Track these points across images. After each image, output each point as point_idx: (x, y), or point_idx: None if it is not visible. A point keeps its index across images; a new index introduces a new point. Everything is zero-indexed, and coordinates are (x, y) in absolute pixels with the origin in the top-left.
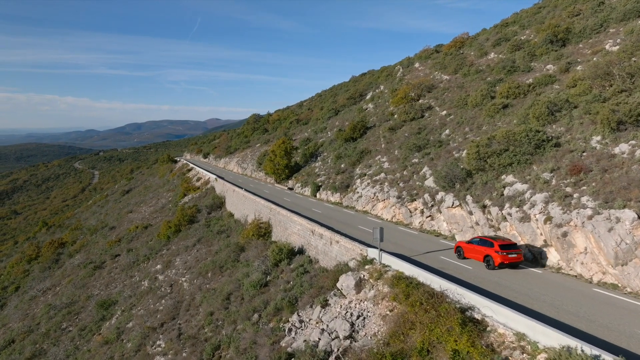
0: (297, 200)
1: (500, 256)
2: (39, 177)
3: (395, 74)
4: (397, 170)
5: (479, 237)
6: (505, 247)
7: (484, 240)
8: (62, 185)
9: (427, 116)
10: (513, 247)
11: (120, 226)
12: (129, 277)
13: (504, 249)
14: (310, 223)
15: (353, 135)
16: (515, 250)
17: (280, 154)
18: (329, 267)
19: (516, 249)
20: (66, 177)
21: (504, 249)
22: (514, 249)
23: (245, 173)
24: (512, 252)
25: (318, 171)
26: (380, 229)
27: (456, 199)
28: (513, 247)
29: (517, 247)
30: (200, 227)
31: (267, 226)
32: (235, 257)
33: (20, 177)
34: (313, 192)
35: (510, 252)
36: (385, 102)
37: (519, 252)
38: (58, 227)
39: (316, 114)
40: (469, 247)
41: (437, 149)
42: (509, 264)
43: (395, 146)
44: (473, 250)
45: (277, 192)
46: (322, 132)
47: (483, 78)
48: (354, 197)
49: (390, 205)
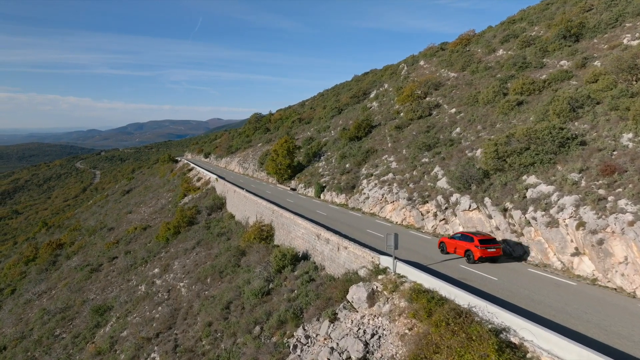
0: (300, 201)
1: (479, 250)
2: (40, 177)
3: (399, 72)
4: (406, 170)
5: (460, 233)
6: (485, 241)
7: (465, 235)
8: (64, 185)
9: (435, 114)
10: (492, 242)
11: (119, 227)
12: (126, 281)
13: (483, 243)
14: (316, 226)
15: (358, 134)
16: (494, 244)
17: (282, 154)
18: (337, 275)
19: (495, 243)
20: (67, 177)
21: (483, 243)
22: (492, 243)
23: (246, 173)
24: (491, 247)
25: (322, 171)
26: (395, 236)
27: (473, 201)
28: (492, 242)
29: (496, 242)
30: (200, 229)
31: (270, 229)
32: (235, 261)
33: (22, 177)
34: (317, 193)
35: (489, 246)
36: (390, 100)
37: (497, 247)
38: (57, 228)
39: (319, 113)
40: (451, 243)
41: (448, 148)
42: (488, 257)
43: (402, 145)
44: (455, 245)
45: (279, 192)
46: (325, 131)
47: (493, 75)
48: (361, 199)
49: (400, 208)
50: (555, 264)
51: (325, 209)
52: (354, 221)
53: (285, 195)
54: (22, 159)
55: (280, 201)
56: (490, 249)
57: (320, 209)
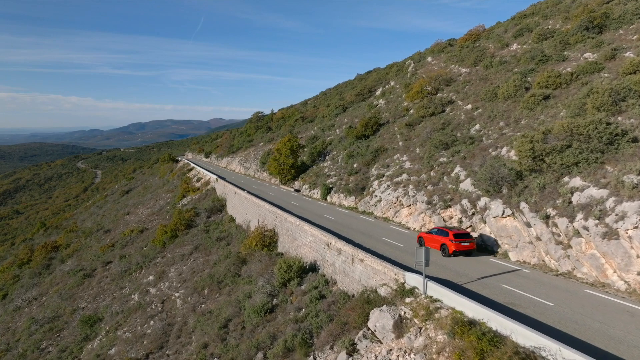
0: (305, 204)
1: (454, 244)
2: (41, 177)
3: (406, 69)
4: (422, 170)
5: (437, 228)
6: (459, 236)
7: (441, 230)
8: (65, 184)
9: (448, 111)
10: (466, 236)
11: (116, 229)
12: (119, 289)
13: (458, 237)
14: (325, 234)
15: (365, 132)
16: (468, 239)
17: (285, 153)
18: (352, 292)
19: (469, 237)
20: (69, 177)
21: (458, 237)
22: (466, 237)
23: (247, 173)
24: (465, 241)
25: (328, 171)
26: (426, 250)
27: (507, 206)
28: (466, 236)
29: (469, 237)
30: (199, 232)
31: (273, 235)
32: (235, 270)
33: (23, 177)
34: (323, 194)
35: (463, 240)
36: (397, 97)
37: (471, 241)
38: (55, 229)
39: (322, 112)
40: (428, 237)
41: (468, 146)
42: (462, 251)
43: (415, 144)
44: (432, 239)
45: (282, 194)
46: (330, 130)
47: (509, 69)
48: (372, 202)
49: (419, 212)
50: (616, 283)
51: (333, 212)
52: (367, 227)
53: (289, 197)
54: (24, 158)
55: (284, 204)
56: (464, 243)
57: (328, 212)
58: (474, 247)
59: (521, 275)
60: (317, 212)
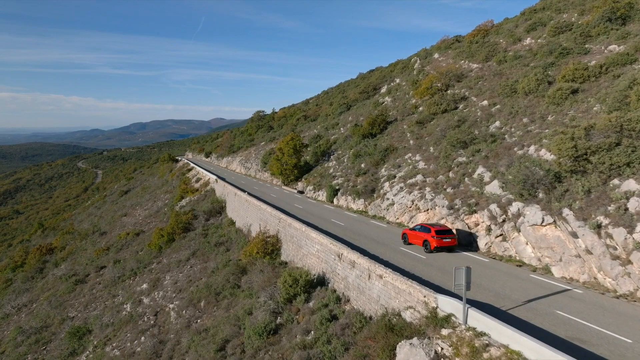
0: (310, 207)
1: (435, 240)
2: (42, 177)
3: (412, 66)
4: (439, 171)
5: (420, 224)
6: (441, 232)
7: (424, 227)
8: (65, 184)
9: (461, 107)
10: (448, 232)
11: (112, 231)
12: (112, 297)
13: (439, 234)
14: (335, 242)
15: (372, 130)
16: (449, 235)
17: (288, 152)
18: (369, 312)
19: (451, 234)
20: (69, 177)
21: (439, 234)
22: (448, 234)
23: (248, 173)
24: (446, 237)
25: (333, 172)
26: (467, 271)
27: (547, 213)
28: (448, 232)
29: (451, 233)
30: (197, 236)
31: (276, 241)
32: (235, 280)
33: (24, 177)
34: (329, 197)
35: (445, 236)
36: (405, 94)
37: (453, 237)
38: (52, 230)
39: (325, 110)
40: (412, 234)
41: (489, 144)
42: (444, 247)
43: (428, 142)
44: (415, 236)
45: (285, 196)
46: (333, 129)
47: (525, 64)
48: (383, 205)
49: (438, 218)
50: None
51: (341, 217)
52: (380, 234)
53: (292, 199)
54: (24, 158)
55: (288, 207)
56: (446, 239)
57: (336, 217)
58: (455, 243)
59: (574, 298)
60: (323, 216)
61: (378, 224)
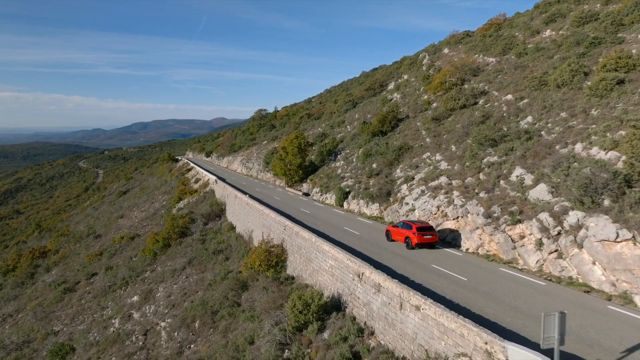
0: (318, 211)
1: (417, 237)
2: (43, 176)
3: (420, 62)
4: (466, 172)
5: (402, 221)
6: (422, 229)
7: (406, 223)
8: (66, 184)
9: (482, 102)
10: (429, 229)
11: (107, 234)
12: (100, 309)
13: (420, 231)
14: (353, 258)
15: (382, 128)
16: (430, 232)
17: (292, 152)
18: (401, 352)
19: (431, 230)
20: (70, 176)
21: (420, 231)
22: (429, 230)
23: (250, 174)
24: (427, 234)
25: (341, 172)
26: (561, 318)
27: (623, 226)
28: (429, 229)
29: (432, 230)
30: (194, 242)
31: (281, 252)
32: (234, 297)
33: (25, 176)
34: (339, 200)
35: (426, 233)
36: (415, 90)
37: (433, 234)
38: (48, 231)
39: (330, 108)
40: (395, 231)
41: (524, 142)
42: (425, 244)
43: (448, 140)
44: (398, 233)
45: (289, 198)
46: (339, 127)
47: (549, 56)
48: (402, 211)
49: (473, 228)
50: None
51: (354, 224)
52: (403, 248)
53: (297, 202)
54: (26, 158)
55: (293, 211)
56: (427, 235)
57: (349, 224)
58: (436, 240)
59: None
60: (334, 223)
61: None
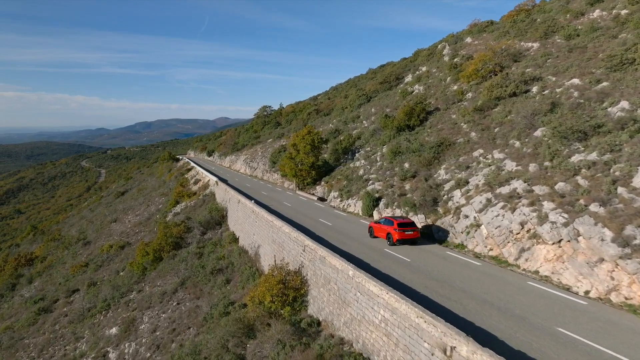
0: (342, 223)
1: (398, 233)
2: (45, 176)
3: (440, 53)
4: (552, 175)
5: (384, 217)
6: (403, 225)
7: (387, 219)
8: (68, 184)
9: (536, 89)
10: (410, 225)
11: (98, 241)
12: (74, 339)
13: (402, 226)
14: (432, 318)
15: (409, 122)
16: (411, 227)
17: (304, 149)
18: None
19: (413, 226)
20: (72, 176)
21: (402, 226)
22: (411, 227)
23: (254, 174)
24: (408, 230)
25: (364, 174)
26: None
27: None
28: (410, 225)
29: (414, 226)
30: (189, 256)
31: (300, 283)
32: (236, 347)
33: (27, 176)
34: (367, 208)
35: (407, 229)
36: (440, 81)
37: (415, 230)
38: (42, 234)
39: (340, 103)
40: (377, 227)
41: (635, 133)
42: (407, 240)
43: (505, 134)
44: (380, 229)
45: (303, 205)
46: (354, 122)
47: (612, 35)
48: (459, 226)
49: (598, 259)
50: None
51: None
52: (486, 285)
53: (313, 209)
54: (30, 157)
55: (311, 222)
56: (408, 231)
57: (391, 247)
58: (418, 236)
59: None
60: (369, 243)
61: (460, 257)
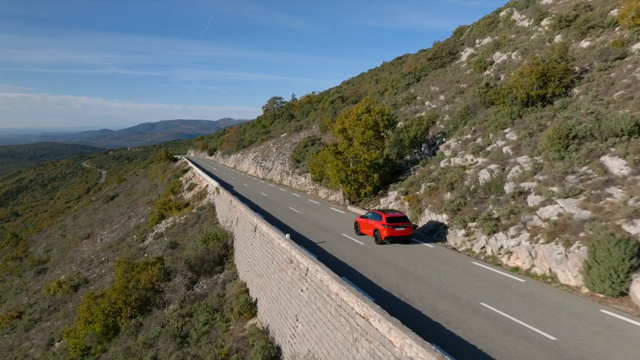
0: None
1: (387, 229)
2: (45, 177)
3: (508, 19)
4: None
5: (372, 211)
6: (393, 219)
7: (375, 213)
8: (68, 185)
9: None
10: (401, 220)
11: (56, 267)
12: None
13: (391, 222)
14: None
15: (545, 90)
16: (403, 223)
17: (363, 137)
18: None
19: (405, 222)
20: (73, 177)
21: (391, 222)
22: (402, 222)
23: (269, 177)
24: (399, 226)
25: (491, 178)
26: None
27: None
28: (401, 220)
29: (406, 220)
30: (163, 336)
31: None
32: None
33: (27, 177)
34: (612, 278)
35: (398, 225)
36: (543, 41)
37: (407, 226)
38: (20, 243)
39: (371, 88)
40: (363, 222)
41: None
42: (398, 238)
43: None
44: (366, 225)
45: (399, 249)
46: (410, 104)
47: None
48: None
49: None
50: None
51: None
52: None
53: (425, 259)
54: (33, 158)
55: (456, 322)
56: (399, 227)
57: None
58: (410, 233)
59: None
60: None
61: None
